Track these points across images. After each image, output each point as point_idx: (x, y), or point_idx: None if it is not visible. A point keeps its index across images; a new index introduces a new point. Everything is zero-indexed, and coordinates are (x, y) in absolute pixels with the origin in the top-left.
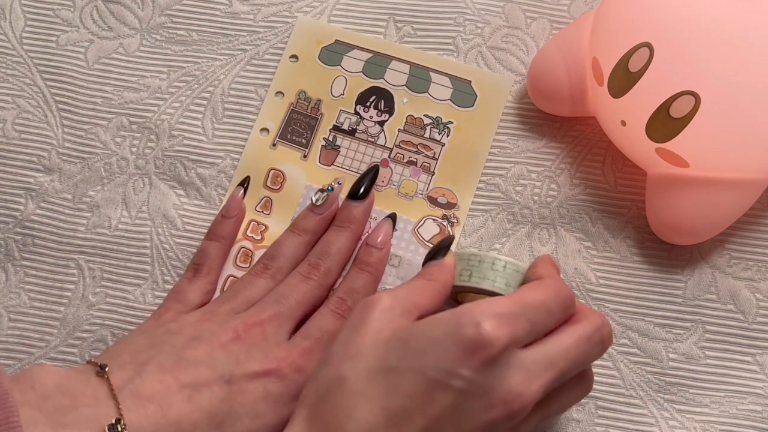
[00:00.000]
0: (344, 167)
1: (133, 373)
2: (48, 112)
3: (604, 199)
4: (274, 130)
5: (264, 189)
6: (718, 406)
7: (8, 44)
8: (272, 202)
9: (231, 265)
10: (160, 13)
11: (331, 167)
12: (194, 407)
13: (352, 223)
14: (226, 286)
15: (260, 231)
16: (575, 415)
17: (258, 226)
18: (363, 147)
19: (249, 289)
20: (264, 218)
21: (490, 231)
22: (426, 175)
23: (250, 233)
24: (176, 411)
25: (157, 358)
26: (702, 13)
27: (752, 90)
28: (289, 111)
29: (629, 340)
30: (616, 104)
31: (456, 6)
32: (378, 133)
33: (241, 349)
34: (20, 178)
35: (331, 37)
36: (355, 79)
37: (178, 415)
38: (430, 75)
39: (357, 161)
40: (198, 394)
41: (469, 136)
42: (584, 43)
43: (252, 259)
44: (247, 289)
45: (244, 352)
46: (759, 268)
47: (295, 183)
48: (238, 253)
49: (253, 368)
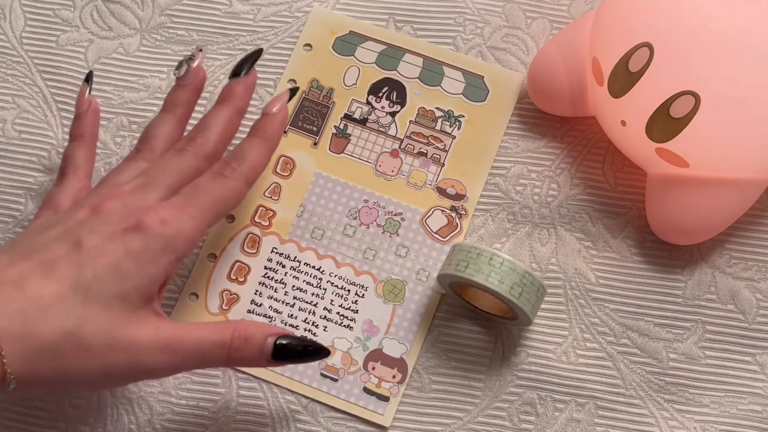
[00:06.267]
0: (354, 155)
1: None
2: (48, 112)
3: (604, 199)
4: None
5: (273, 175)
6: (718, 406)
7: (8, 44)
8: (281, 188)
9: (238, 251)
10: (160, 13)
11: (341, 155)
12: (53, 280)
13: (233, 98)
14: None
15: (268, 217)
16: (575, 415)
17: (266, 212)
18: (374, 136)
19: (120, 174)
20: (272, 204)
21: (490, 230)
22: (436, 166)
23: (258, 219)
24: (34, 287)
25: (10, 251)
26: (702, 13)
27: (752, 90)
28: (301, 99)
29: (629, 340)
30: (616, 104)
31: (456, 6)
32: (389, 123)
33: (98, 219)
34: (20, 178)
35: (345, 28)
36: (368, 69)
37: (37, 291)
38: (443, 69)
39: (367, 150)
40: (53, 267)
41: (480, 130)
42: (584, 43)
43: (259, 245)
44: (118, 175)
45: (101, 220)
46: (759, 268)
47: (305, 170)
48: (245, 239)
49: (110, 229)
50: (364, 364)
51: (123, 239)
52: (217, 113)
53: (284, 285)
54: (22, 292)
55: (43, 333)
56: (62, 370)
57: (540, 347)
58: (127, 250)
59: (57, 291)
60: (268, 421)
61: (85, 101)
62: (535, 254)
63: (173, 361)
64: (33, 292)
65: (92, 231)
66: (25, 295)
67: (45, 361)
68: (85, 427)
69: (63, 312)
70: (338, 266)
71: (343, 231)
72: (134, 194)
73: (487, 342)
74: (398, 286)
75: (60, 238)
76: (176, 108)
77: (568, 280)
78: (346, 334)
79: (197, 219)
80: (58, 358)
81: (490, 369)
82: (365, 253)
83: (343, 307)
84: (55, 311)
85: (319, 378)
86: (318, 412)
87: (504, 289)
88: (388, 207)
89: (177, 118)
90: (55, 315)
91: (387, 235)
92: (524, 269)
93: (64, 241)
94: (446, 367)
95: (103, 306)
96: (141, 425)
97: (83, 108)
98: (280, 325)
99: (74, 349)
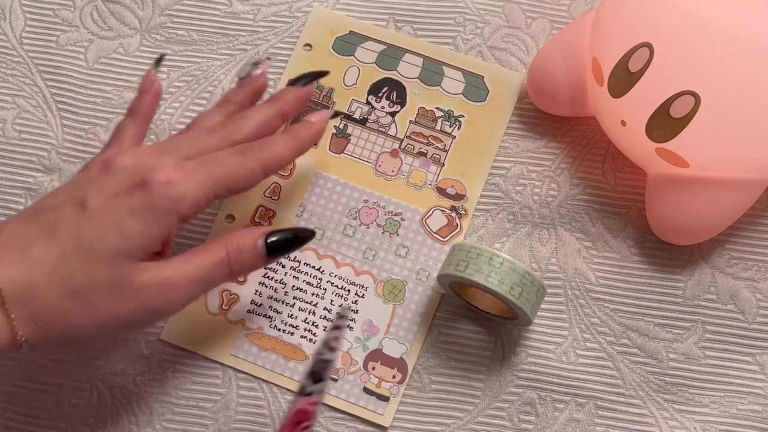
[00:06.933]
0: (354, 155)
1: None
2: (48, 112)
3: (604, 199)
4: None
5: (273, 175)
6: (718, 406)
7: (8, 44)
8: (281, 188)
9: None
10: (160, 13)
11: (341, 155)
12: (56, 242)
13: (280, 100)
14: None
15: (268, 217)
16: (575, 415)
17: (266, 212)
18: (373, 136)
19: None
20: (272, 204)
21: (490, 230)
22: (436, 166)
23: (258, 219)
24: (38, 251)
25: (20, 216)
26: (702, 13)
27: (752, 90)
28: None
29: (629, 340)
30: (616, 104)
31: (456, 6)
32: (389, 123)
33: (107, 177)
34: (20, 178)
35: (345, 28)
36: (368, 69)
37: (40, 254)
38: (443, 69)
39: (367, 150)
40: (57, 229)
41: (480, 130)
42: (584, 43)
43: None
44: (151, 148)
45: (110, 177)
46: (759, 268)
47: (305, 170)
48: None
49: (116, 187)
50: (364, 364)
51: (127, 197)
52: (260, 109)
53: (284, 285)
54: (26, 256)
55: (49, 294)
56: (72, 327)
57: (540, 347)
58: (130, 209)
59: (60, 252)
60: (268, 421)
61: (149, 81)
62: (535, 254)
63: (182, 295)
64: (36, 255)
65: (99, 190)
66: (28, 258)
67: (54, 321)
68: (85, 427)
69: (66, 272)
70: (338, 266)
71: (343, 231)
72: (149, 155)
73: (487, 342)
74: (398, 286)
75: (67, 200)
76: (228, 104)
77: (568, 280)
78: (346, 334)
79: (205, 186)
80: (66, 316)
81: (490, 369)
82: (365, 253)
83: (342, 307)
84: (59, 272)
85: None
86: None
87: (504, 289)
88: (388, 207)
89: (226, 113)
90: (59, 276)
91: (387, 235)
92: (524, 269)
93: (70, 203)
94: (446, 367)
95: (105, 262)
96: (141, 425)
97: (146, 87)
98: (281, 326)
99: (81, 305)
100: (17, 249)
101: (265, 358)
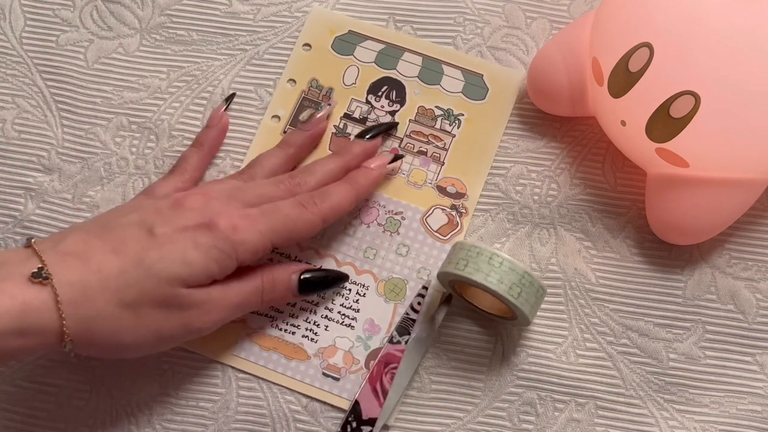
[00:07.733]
0: None
1: (58, 239)
2: (48, 112)
3: (604, 199)
4: (285, 117)
5: None
6: (718, 406)
7: (8, 44)
8: None
9: None
10: (160, 13)
11: None
12: (117, 258)
13: (348, 154)
14: None
15: None
16: (575, 415)
17: None
18: None
19: (215, 184)
20: None
21: (490, 230)
22: (436, 164)
23: None
24: (98, 261)
25: (85, 227)
26: (702, 13)
27: (752, 90)
28: (300, 98)
29: (629, 340)
30: (616, 104)
31: (456, 6)
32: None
33: (176, 214)
34: (20, 178)
35: (344, 28)
36: (368, 68)
37: (100, 265)
38: (443, 68)
39: None
40: (123, 246)
41: (480, 128)
42: (584, 43)
43: None
44: (213, 184)
45: (178, 215)
46: (759, 268)
47: None
48: None
49: (183, 223)
50: (366, 363)
51: (194, 233)
52: (327, 163)
53: None
54: (87, 264)
55: (102, 301)
56: (117, 335)
57: (540, 347)
58: (195, 243)
59: (120, 266)
60: (268, 421)
61: (217, 116)
62: (535, 254)
63: (219, 317)
64: (97, 265)
65: (166, 221)
66: (88, 266)
67: (101, 327)
68: (85, 428)
69: (123, 284)
70: (339, 265)
71: (344, 230)
72: (218, 200)
73: (487, 342)
74: (399, 285)
75: (135, 223)
76: (288, 147)
77: (568, 280)
78: (347, 333)
79: (264, 235)
80: (113, 323)
81: (490, 369)
82: (366, 252)
83: (344, 306)
84: (115, 283)
85: (320, 377)
86: (318, 412)
87: (503, 289)
88: (389, 206)
89: (286, 156)
90: (115, 286)
91: (388, 234)
92: (523, 269)
93: (138, 227)
94: (446, 367)
95: (163, 282)
96: (141, 425)
97: (214, 122)
98: (283, 325)
99: (129, 316)
100: (79, 257)
101: (266, 357)
